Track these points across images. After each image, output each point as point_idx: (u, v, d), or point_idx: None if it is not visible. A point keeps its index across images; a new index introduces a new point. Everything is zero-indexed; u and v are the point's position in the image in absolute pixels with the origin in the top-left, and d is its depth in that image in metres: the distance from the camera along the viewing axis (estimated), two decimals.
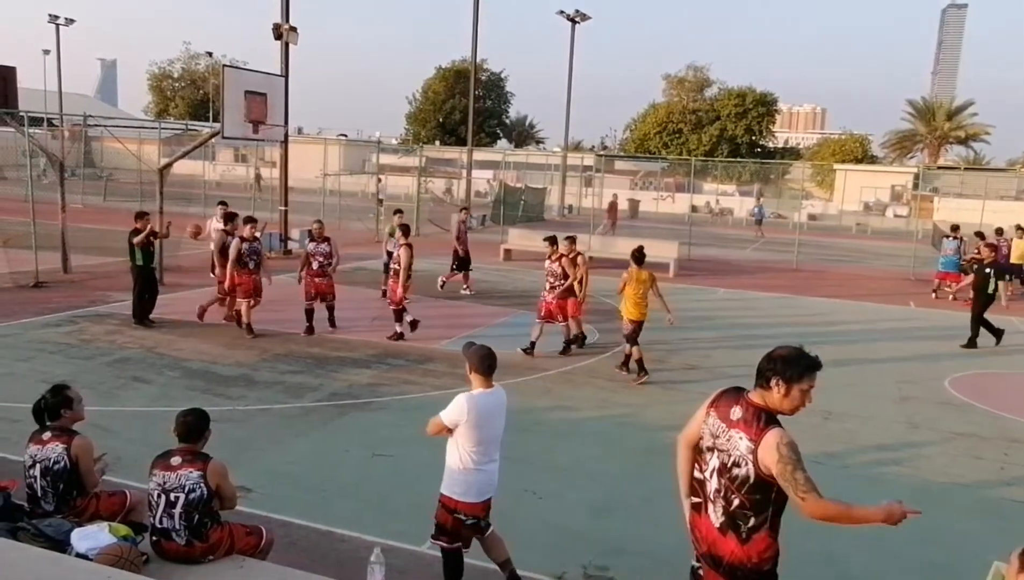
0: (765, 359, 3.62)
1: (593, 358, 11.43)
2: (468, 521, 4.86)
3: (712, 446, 3.56)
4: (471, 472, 4.77)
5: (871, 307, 17.16)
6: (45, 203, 15.87)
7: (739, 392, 3.65)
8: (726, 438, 3.51)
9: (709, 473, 3.56)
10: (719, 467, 3.51)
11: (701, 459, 3.62)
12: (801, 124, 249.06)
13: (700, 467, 3.63)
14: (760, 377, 3.59)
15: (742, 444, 3.46)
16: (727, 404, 3.59)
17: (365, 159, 50.92)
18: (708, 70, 63.58)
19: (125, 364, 9.84)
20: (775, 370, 3.55)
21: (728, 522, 3.48)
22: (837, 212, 45.19)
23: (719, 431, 3.54)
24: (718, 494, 3.50)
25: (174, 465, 4.46)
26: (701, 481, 3.62)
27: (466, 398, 4.81)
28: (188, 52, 72.68)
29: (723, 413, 3.57)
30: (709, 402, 3.66)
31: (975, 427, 9.12)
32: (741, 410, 3.54)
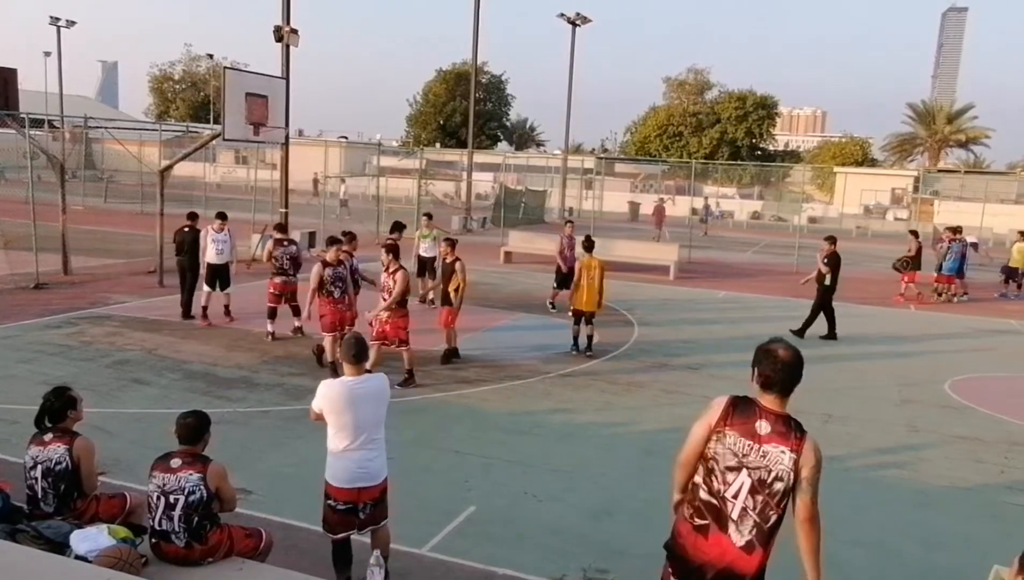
0: (782, 366, 3.50)
1: (594, 360, 11.42)
2: (338, 506, 4.85)
3: (739, 465, 3.42)
4: (335, 456, 4.84)
5: (871, 310, 17.15)
6: (46, 205, 15.87)
7: (750, 403, 3.53)
8: (759, 455, 3.41)
9: (733, 493, 3.42)
10: (754, 485, 3.40)
11: (713, 479, 3.47)
12: (801, 127, 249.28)
13: (711, 488, 3.47)
14: (779, 384, 3.51)
15: (785, 458, 3.40)
16: (746, 419, 3.47)
17: (366, 161, 50.95)
18: (708, 73, 63.67)
19: (125, 366, 9.84)
20: (799, 377, 3.54)
21: (760, 538, 3.41)
22: (837, 215, 45.18)
23: (747, 449, 3.42)
24: (748, 512, 3.40)
25: (174, 467, 4.46)
26: (713, 503, 3.47)
27: (323, 384, 4.91)
28: (189, 54, 72.75)
29: (746, 430, 3.45)
30: (718, 419, 3.48)
31: (976, 430, 9.11)
32: (769, 423, 3.46)
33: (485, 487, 6.88)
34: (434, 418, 8.37)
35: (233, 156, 54.15)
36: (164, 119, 63.40)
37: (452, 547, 5.73)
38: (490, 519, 6.27)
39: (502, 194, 33.31)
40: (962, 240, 18.89)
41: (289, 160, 19.82)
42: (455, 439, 7.94)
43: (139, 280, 15.65)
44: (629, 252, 20.93)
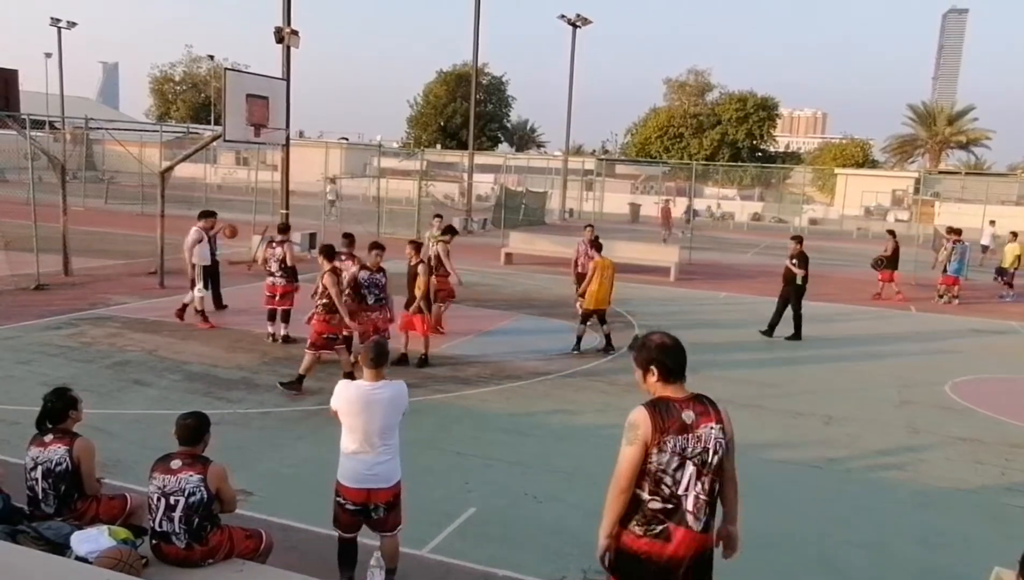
0: (677, 353, 3.67)
1: (595, 362, 11.43)
2: (347, 505, 4.89)
3: (683, 461, 3.53)
4: (344, 456, 4.89)
5: (872, 311, 17.15)
6: (47, 205, 15.88)
7: (664, 403, 3.59)
8: (696, 441, 3.53)
9: (684, 487, 3.53)
10: (697, 469, 3.53)
11: (663, 487, 3.54)
12: (802, 128, 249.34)
13: (664, 495, 3.55)
14: (678, 371, 3.65)
15: (715, 432, 3.56)
16: (673, 418, 3.54)
17: (366, 162, 50.97)
18: (709, 74, 63.69)
19: (126, 367, 9.84)
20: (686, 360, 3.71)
21: (711, 513, 3.60)
22: (838, 216, 45.19)
23: (685, 443, 3.53)
24: (699, 497, 3.54)
25: (174, 468, 4.46)
26: (668, 507, 3.55)
27: (340, 385, 5.01)
28: (190, 55, 72.80)
29: (678, 427, 3.53)
30: (652, 433, 3.51)
31: (976, 432, 9.11)
32: (691, 410, 3.58)
33: (485, 488, 6.88)
34: (434, 419, 8.36)
35: (234, 157, 54.20)
36: (165, 120, 63.43)
37: (452, 548, 5.73)
38: (490, 520, 6.27)
39: (503, 195, 33.30)
40: (963, 241, 18.91)
41: (290, 161, 19.83)
42: (455, 440, 7.94)
43: (140, 281, 15.66)
44: (630, 253, 20.91)
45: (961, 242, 18.74)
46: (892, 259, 18.87)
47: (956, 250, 18.58)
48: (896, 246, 18.98)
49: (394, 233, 27.50)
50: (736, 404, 9.71)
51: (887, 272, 18.92)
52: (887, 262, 18.87)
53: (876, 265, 19.14)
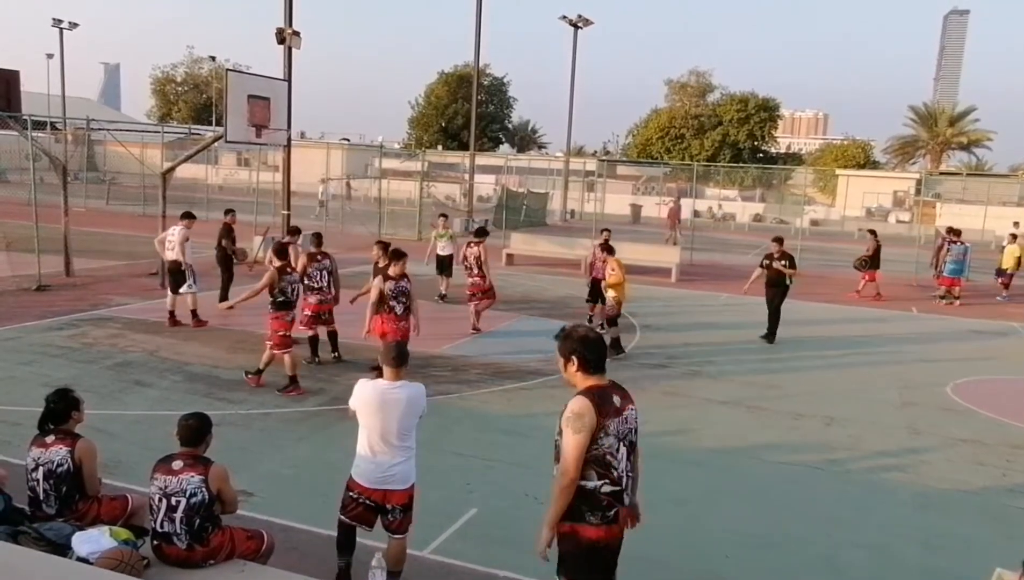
0: (596, 347, 4.00)
1: None
2: (360, 499, 4.91)
3: (618, 442, 3.81)
4: (361, 455, 4.90)
5: (873, 312, 17.13)
6: (48, 206, 15.90)
7: (598, 389, 3.86)
8: (624, 422, 3.87)
9: (623, 468, 3.83)
10: (627, 450, 3.87)
11: (612, 470, 3.77)
12: (803, 129, 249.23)
13: (613, 478, 3.77)
14: (600, 361, 3.98)
15: (634, 412, 3.99)
16: (609, 403, 3.83)
17: (368, 163, 50.98)
18: (710, 75, 63.60)
19: (127, 368, 9.84)
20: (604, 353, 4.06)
21: (635, 488, 3.97)
22: (839, 217, 45.12)
23: (620, 425, 3.83)
24: (630, 473, 3.91)
25: (175, 469, 4.47)
26: (616, 489, 3.79)
27: (358, 384, 5.02)
28: (191, 56, 72.81)
29: (615, 411, 3.83)
30: (596, 419, 3.73)
31: (977, 433, 9.10)
32: (618, 395, 3.90)
33: (486, 489, 6.88)
34: (435, 420, 8.34)
35: (235, 158, 54.19)
36: (166, 121, 63.43)
37: (453, 549, 5.73)
38: (491, 521, 6.27)
39: (504, 196, 33.29)
40: (963, 242, 18.93)
41: (291, 162, 19.84)
42: (456, 441, 7.93)
43: (141, 282, 15.66)
44: (631, 254, 20.87)
45: (960, 243, 18.75)
46: (873, 259, 19.09)
47: (951, 251, 18.61)
48: (877, 246, 19.18)
49: (395, 234, 27.53)
50: (737, 405, 9.73)
51: (870, 272, 19.14)
52: (869, 262, 19.09)
53: (858, 265, 19.38)
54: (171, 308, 12.16)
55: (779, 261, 13.15)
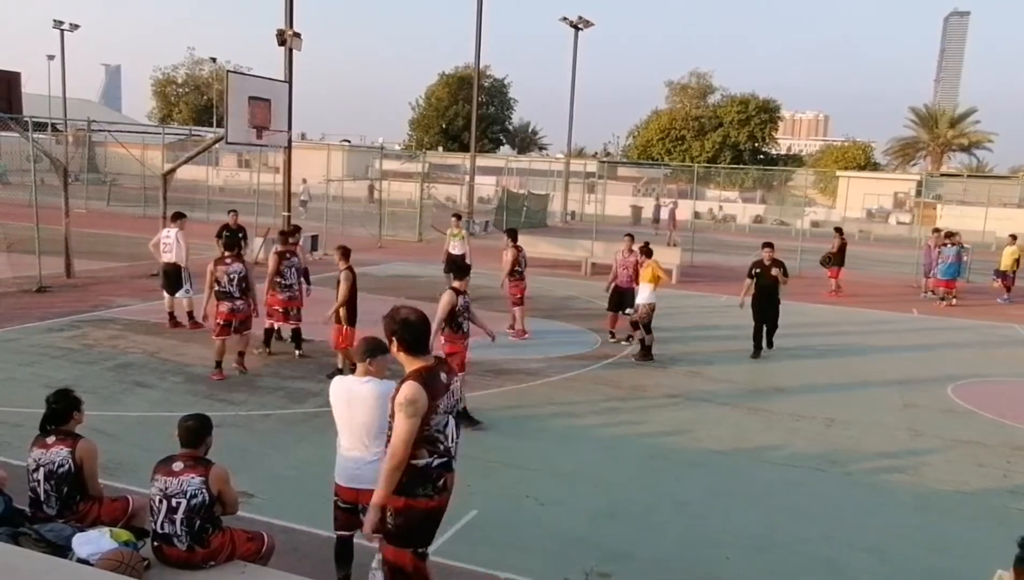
0: (415, 329, 4.06)
1: (596, 364, 11.42)
2: (339, 503, 4.87)
3: (447, 418, 4.05)
4: (338, 453, 4.86)
5: (874, 314, 17.13)
6: (49, 208, 15.91)
7: (426, 372, 3.98)
8: (451, 395, 4.08)
9: (452, 434, 4.09)
10: (455, 421, 4.13)
11: (439, 445, 4.02)
12: (804, 131, 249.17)
13: (441, 451, 4.03)
14: (418, 345, 4.05)
15: (458, 381, 4.26)
16: (438, 382, 4.01)
17: (368, 165, 50.99)
18: (711, 77, 63.66)
19: (127, 369, 9.84)
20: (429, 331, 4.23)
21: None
22: (840, 219, 45.07)
23: (447, 400, 4.06)
24: (459, 440, 4.16)
25: (176, 470, 4.47)
26: (446, 461, 4.09)
27: (334, 380, 4.95)
28: (192, 57, 72.85)
29: (442, 387, 4.01)
30: (427, 401, 3.89)
31: (978, 434, 9.10)
32: (444, 373, 4.09)
33: (487, 491, 6.87)
34: None
35: (236, 159, 54.21)
36: (167, 122, 63.50)
37: (454, 551, 5.72)
38: (492, 523, 6.27)
39: (504, 198, 33.34)
40: (960, 243, 18.98)
41: (291, 164, 19.85)
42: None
43: (142, 283, 15.66)
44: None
45: (949, 244, 18.78)
46: (839, 256, 19.44)
47: (943, 253, 18.67)
48: (843, 243, 19.61)
49: (396, 235, 27.57)
50: (738, 406, 9.72)
51: (834, 269, 19.49)
52: (833, 259, 19.47)
53: (824, 262, 19.66)
54: (169, 309, 12.17)
55: (775, 269, 12.12)
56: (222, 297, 9.75)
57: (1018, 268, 19.85)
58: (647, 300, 11.72)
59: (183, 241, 12.16)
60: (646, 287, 11.77)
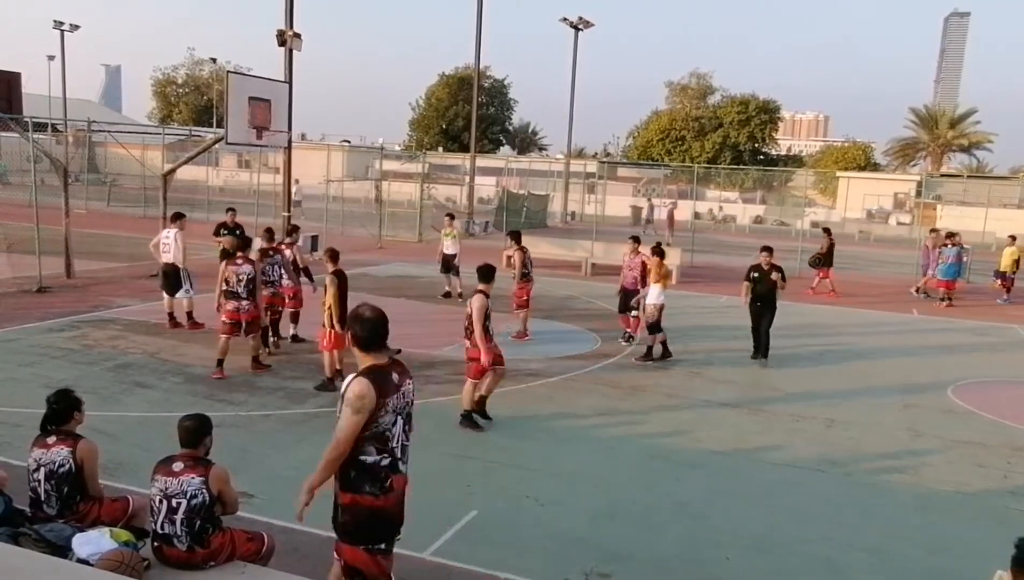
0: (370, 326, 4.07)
1: (596, 364, 11.42)
2: None
3: (395, 417, 4.03)
4: None
5: (874, 314, 17.13)
6: (49, 208, 15.91)
7: (378, 369, 4.01)
8: (402, 397, 4.09)
9: (397, 439, 4.06)
10: (404, 422, 4.11)
11: (388, 443, 4.01)
12: (804, 131, 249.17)
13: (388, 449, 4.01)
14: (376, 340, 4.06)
15: (411, 385, 4.21)
16: (389, 382, 4.02)
17: (368, 165, 51.00)
18: (711, 77, 63.71)
19: (127, 369, 9.84)
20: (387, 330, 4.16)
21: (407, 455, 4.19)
22: (840, 219, 45.10)
23: (399, 401, 4.07)
24: (405, 442, 4.13)
25: (176, 471, 4.46)
26: (392, 460, 4.05)
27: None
28: (192, 58, 72.89)
29: (393, 387, 4.03)
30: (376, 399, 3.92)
31: (978, 435, 9.10)
32: (396, 371, 4.11)
33: (487, 491, 6.88)
34: (435, 422, 8.35)
35: (236, 160, 54.21)
36: (167, 123, 63.52)
37: (454, 551, 5.72)
38: (492, 523, 6.27)
39: (504, 198, 33.32)
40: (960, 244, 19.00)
41: (292, 164, 19.85)
42: (456, 443, 7.93)
43: (142, 284, 15.66)
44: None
45: (949, 245, 18.81)
46: (827, 256, 19.48)
47: (943, 253, 18.70)
48: (831, 244, 19.62)
49: (396, 236, 27.57)
50: (738, 407, 9.72)
51: (824, 269, 19.54)
52: (823, 259, 19.50)
53: (813, 262, 19.72)
54: (169, 310, 12.16)
55: (774, 273, 11.80)
56: (229, 297, 9.88)
57: (1017, 269, 19.86)
58: (656, 300, 11.69)
59: (181, 241, 12.14)
60: (655, 287, 11.75)
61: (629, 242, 13.27)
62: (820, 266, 19.57)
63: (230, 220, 14.33)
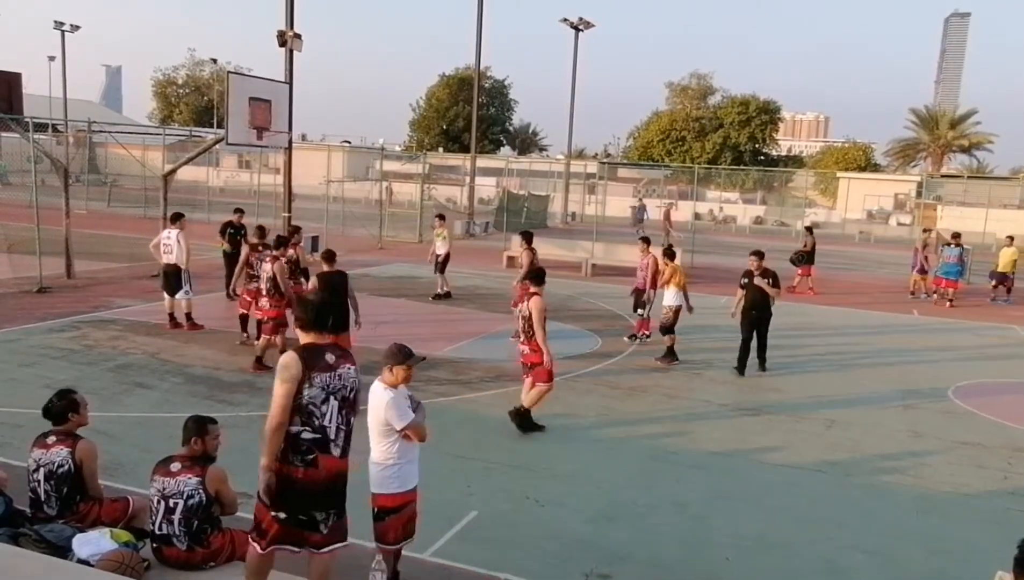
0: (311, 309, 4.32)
1: (597, 365, 11.42)
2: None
3: (327, 396, 4.15)
4: None
5: (874, 315, 17.13)
6: (49, 208, 15.91)
7: (313, 347, 4.25)
8: (338, 379, 4.22)
9: (329, 419, 4.16)
10: (340, 404, 4.21)
11: (314, 419, 4.12)
12: (804, 132, 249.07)
13: (315, 426, 4.12)
14: (313, 324, 4.29)
15: (352, 371, 4.31)
16: (320, 359, 4.19)
17: (369, 166, 51.00)
18: (711, 78, 63.65)
19: (128, 370, 9.85)
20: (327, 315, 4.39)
21: (348, 444, 4.28)
22: (840, 220, 45.13)
23: (330, 380, 4.18)
24: (340, 428, 4.21)
25: (173, 471, 4.47)
26: (318, 437, 4.14)
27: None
28: (193, 58, 72.87)
29: (325, 366, 4.18)
30: (302, 370, 4.10)
31: (979, 436, 9.09)
32: (332, 353, 4.27)
33: (487, 492, 6.88)
34: (436, 422, 8.31)
35: (236, 160, 54.23)
36: (168, 123, 63.53)
37: (454, 552, 5.72)
38: (492, 524, 6.26)
39: (505, 199, 33.30)
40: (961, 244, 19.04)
41: (292, 165, 19.86)
42: (457, 444, 7.92)
43: (142, 284, 15.66)
44: (632, 257, 20.87)
45: (952, 245, 18.81)
46: (809, 255, 19.63)
47: (945, 253, 18.72)
48: (814, 242, 19.77)
49: (396, 237, 27.57)
50: (738, 407, 9.72)
51: (805, 267, 19.64)
52: (805, 258, 19.62)
53: (794, 261, 19.80)
54: (170, 310, 12.16)
55: (763, 279, 11.11)
56: (252, 279, 11.13)
57: (1015, 270, 19.87)
58: (672, 302, 11.79)
59: (183, 242, 12.13)
60: (671, 290, 11.86)
61: (640, 243, 13.54)
62: (802, 264, 19.74)
63: (237, 220, 14.72)
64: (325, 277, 9.68)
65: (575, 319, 14.73)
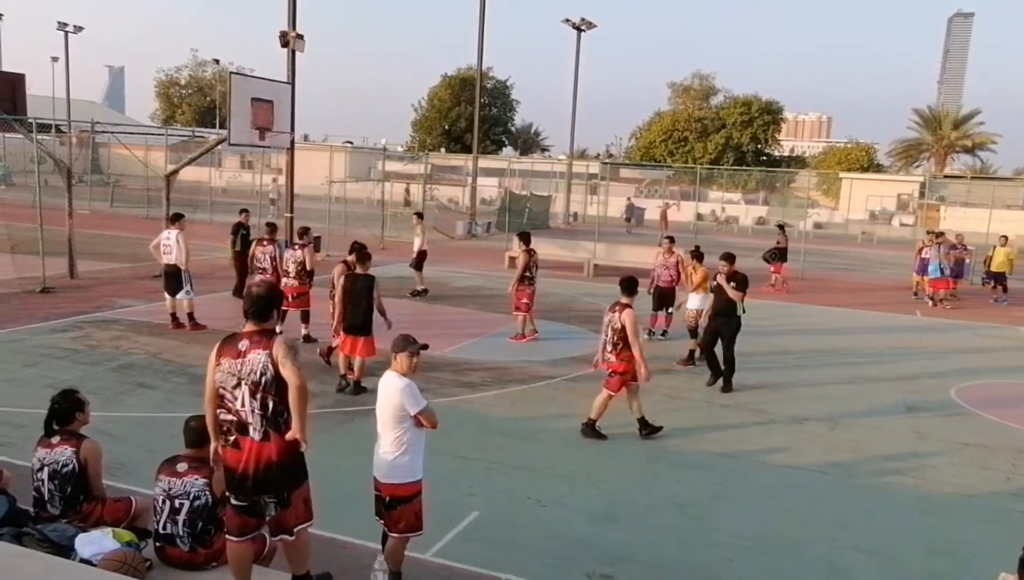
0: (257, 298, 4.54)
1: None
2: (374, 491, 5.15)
3: (238, 381, 4.28)
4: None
5: (877, 316, 17.10)
6: (53, 209, 15.94)
7: (232, 336, 4.47)
8: (246, 366, 4.31)
9: (242, 403, 4.25)
10: (251, 389, 4.27)
11: (227, 402, 4.29)
12: (807, 132, 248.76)
13: (230, 409, 4.26)
14: (250, 313, 4.48)
15: (262, 356, 4.30)
16: (231, 347, 4.39)
17: (371, 166, 51.01)
18: (714, 78, 63.57)
19: (130, 370, 9.86)
20: (266, 305, 4.57)
21: (271, 426, 4.28)
22: (843, 220, 45.08)
23: (237, 367, 4.32)
24: (255, 411, 4.27)
25: (180, 471, 4.48)
26: (233, 419, 4.27)
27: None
28: (195, 59, 73.01)
29: (232, 353, 4.36)
30: (214, 357, 4.39)
31: (982, 437, 9.08)
32: (247, 340, 4.41)
33: (488, 492, 6.88)
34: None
35: (239, 161, 54.28)
36: (170, 124, 63.63)
37: (455, 552, 5.73)
38: (493, 524, 6.27)
39: (507, 199, 33.30)
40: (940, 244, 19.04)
41: (294, 165, 19.87)
42: (458, 444, 7.92)
43: (145, 284, 15.68)
44: (633, 257, 20.90)
45: (958, 246, 18.80)
46: (782, 252, 19.91)
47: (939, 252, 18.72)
48: (786, 240, 20.10)
49: (398, 237, 27.56)
50: (739, 408, 9.72)
51: (777, 264, 19.87)
52: (778, 255, 19.90)
53: (767, 258, 20.02)
54: (171, 311, 12.18)
55: (728, 282, 10.41)
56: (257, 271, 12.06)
57: (1011, 270, 19.87)
58: (697, 306, 11.86)
59: (183, 243, 12.15)
60: (696, 293, 12.03)
61: (664, 242, 13.82)
62: (775, 261, 19.89)
63: (244, 220, 15.15)
64: (352, 279, 9.69)
65: (577, 320, 14.73)
